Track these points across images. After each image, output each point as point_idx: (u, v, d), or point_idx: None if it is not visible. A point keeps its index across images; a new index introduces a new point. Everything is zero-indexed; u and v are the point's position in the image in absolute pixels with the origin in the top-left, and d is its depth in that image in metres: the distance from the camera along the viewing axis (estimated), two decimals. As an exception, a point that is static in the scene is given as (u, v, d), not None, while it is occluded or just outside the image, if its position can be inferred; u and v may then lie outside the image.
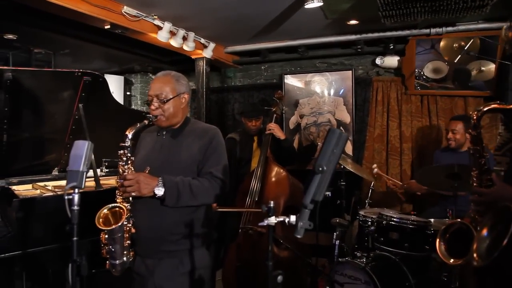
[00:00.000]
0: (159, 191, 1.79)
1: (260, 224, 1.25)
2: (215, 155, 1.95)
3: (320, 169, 1.20)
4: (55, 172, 3.27)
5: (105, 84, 3.05)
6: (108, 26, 3.22)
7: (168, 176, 1.83)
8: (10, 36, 4.08)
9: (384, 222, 2.76)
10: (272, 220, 1.27)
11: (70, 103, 2.94)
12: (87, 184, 3.19)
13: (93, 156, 2.92)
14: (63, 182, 3.16)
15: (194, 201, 1.86)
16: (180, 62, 5.16)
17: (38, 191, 2.87)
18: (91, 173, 3.32)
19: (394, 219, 2.73)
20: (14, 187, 2.87)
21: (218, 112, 5.50)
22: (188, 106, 2.05)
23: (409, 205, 4.22)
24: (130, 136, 1.83)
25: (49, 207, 2.52)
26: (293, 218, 1.27)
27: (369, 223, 2.86)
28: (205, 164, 1.93)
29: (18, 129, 2.87)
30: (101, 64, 5.63)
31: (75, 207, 1.51)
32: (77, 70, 2.79)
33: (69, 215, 1.49)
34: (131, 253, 1.90)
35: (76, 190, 1.51)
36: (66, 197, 1.49)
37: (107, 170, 3.47)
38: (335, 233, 2.81)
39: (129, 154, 1.84)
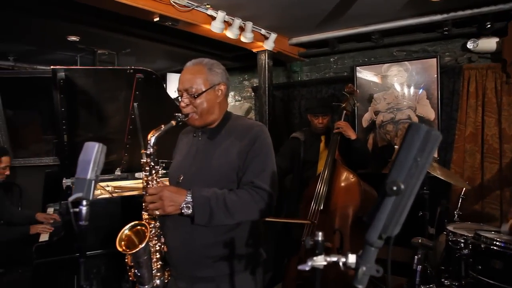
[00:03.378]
0: (187, 210, 1.48)
1: (301, 267, 0.84)
2: (258, 159, 1.57)
3: (395, 188, 0.75)
4: (117, 172, 3.37)
5: (158, 81, 2.99)
6: (157, 19, 3.00)
7: (198, 190, 1.51)
8: (74, 38, 4.12)
9: (483, 245, 2.15)
10: (320, 260, 0.86)
11: (126, 102, 2.93)
12: (139, 186, 3.12)
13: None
14: (123, 183, 3.29)
15: (231, 219, 1.52)
16: (244, 57, 4.95)
17: (98, 191, 2.90)
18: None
19: (497, 243, 2.10)
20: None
21: (283, 109, 5.13)
22: (226, 99, 1.70)
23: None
24: (152, 141, 1.54)
25: (97, 210, 2.48)
26: (352, 258, 0.85)
27: (462, 244, 2.26)
28: (246, 171, 1.57)
29: (78, 129, 2.93)
30: (165, 64, 5.59)
31: (83, 222, 1.25)
32: (129, 67, 2.85)
33: (76, 232, 1.24)
34: (166, 274, 1.66)
35: (84, 202, 1.24)
36: (72, 210, 1.23)
37: (164, 171, 3.45)
38: (416, 257, 2.26)
39: (152, 163, 1.55)
